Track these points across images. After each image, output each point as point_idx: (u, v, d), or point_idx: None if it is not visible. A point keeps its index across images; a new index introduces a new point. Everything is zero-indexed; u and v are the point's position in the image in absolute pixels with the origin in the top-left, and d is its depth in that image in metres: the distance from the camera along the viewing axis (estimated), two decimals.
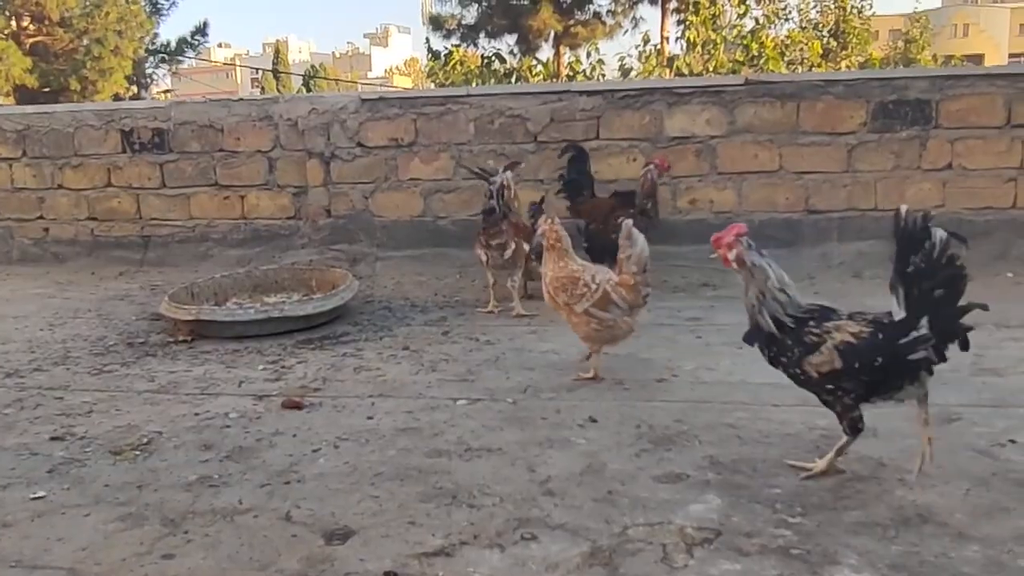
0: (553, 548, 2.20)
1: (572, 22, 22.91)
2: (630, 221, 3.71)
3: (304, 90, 44.41)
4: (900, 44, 39.25)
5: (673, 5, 22.10)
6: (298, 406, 3.36)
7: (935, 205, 5.77)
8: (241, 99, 7.01)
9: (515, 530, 2.30)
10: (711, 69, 19.49)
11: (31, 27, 20.29)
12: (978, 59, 44.56)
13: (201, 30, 23.48)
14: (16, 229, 7.15)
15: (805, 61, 21.97)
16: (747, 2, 20.96)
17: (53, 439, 3.10)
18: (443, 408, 3.30)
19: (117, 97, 21.31)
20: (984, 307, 2.37)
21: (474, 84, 19.89)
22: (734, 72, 18.63)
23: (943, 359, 2.38)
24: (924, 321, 2.34)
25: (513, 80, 20.87)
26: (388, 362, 3.98)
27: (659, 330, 4.26)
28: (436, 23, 24.01)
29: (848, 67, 23.14)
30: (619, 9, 23.39)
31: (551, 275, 3.62)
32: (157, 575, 2.15)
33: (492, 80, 20.89)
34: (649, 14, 23.70)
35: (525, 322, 4.63)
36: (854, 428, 2.51)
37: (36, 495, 2.62)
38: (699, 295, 5.16)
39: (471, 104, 6.23)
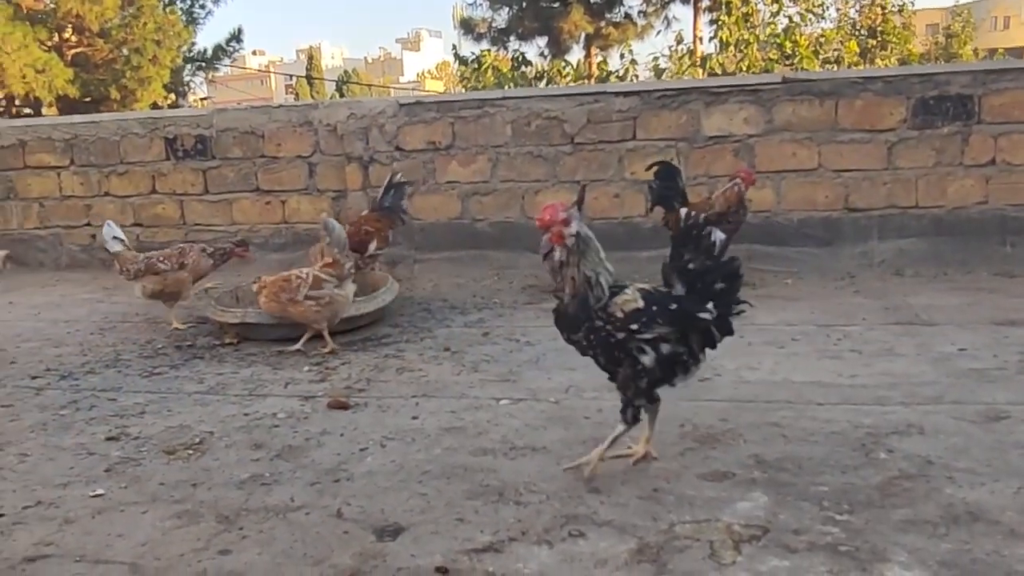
0: (601, 544, 2.22)
1: (603, 23, 22.87)
2: (324, 215, 4.41)
3: (337, 95, 44.79)
4: (941, 39, 38.62)
5: (705, 4, 21.96)
6: (344, 406, 3.42)
7: (978, 201, 5.70)
8: (281, 105, 7.13)
9: (562, 527, 2.33)
10: (744, 68, 19.34)
11: (72, 38, 20.71)
12: (1020, 52, 43.64)
13: (236, 37, 23.74)
14: (65, 236, 7.35)
15: (842, 60, 21.71)
16: (781, 0, 20.78)
17: (109, 439, 3.19)
18: (486, 408, 3.34)
19: (155, 106, 21.66)
20: (748, 303, 2.67)
21: (507, 87, 19.94)
22: (768, 71, 18.48)
23: (728, 334, 2.65)
24: (710, 305, 2.58)
25: (544, 83, 20.90)
26: (430, 363, 4.03)
27: None
28: (467, 27, 24.11)
29: (885, 66, 22.80)
30: (651, 10, 23.33)
31: (268, 284, 4.30)
32: (215, 570, 2.20)
33: (520, 83, 20.94)
34: (681, 14, 23.58)
35: None
36: (634, 418, 2.61)
37: (95, 493, 2.70)
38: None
39: (507, 107, 6.28)
